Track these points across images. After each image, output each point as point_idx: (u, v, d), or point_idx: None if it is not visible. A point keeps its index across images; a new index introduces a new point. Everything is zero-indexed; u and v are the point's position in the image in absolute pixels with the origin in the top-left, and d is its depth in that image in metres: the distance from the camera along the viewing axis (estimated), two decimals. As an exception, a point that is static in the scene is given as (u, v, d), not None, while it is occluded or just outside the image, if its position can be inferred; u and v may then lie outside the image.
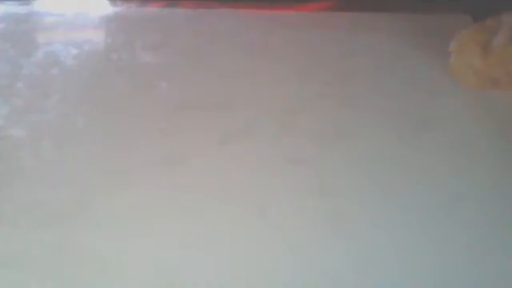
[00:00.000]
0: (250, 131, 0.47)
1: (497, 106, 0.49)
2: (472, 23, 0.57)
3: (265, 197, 0.41)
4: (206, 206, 0.40)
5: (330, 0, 0.65)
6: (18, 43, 0.57)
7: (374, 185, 0.42)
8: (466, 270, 0.36)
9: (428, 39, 0.57)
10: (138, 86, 0.52)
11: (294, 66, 0.54)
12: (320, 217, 0.40)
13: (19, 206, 0.40)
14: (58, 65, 0.54)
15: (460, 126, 0.48)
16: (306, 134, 0.46)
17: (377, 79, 0.53)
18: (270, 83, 0.52)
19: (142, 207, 0.40)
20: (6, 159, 0.44)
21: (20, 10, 0.63)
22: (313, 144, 0.45)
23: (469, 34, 0.52)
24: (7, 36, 0.59)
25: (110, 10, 0.65)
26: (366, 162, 0.44)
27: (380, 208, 0.40)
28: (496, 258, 0.37)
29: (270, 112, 0.48)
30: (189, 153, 0.44)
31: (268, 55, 0.56)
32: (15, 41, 0.58)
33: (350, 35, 0.59)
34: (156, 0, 0.65)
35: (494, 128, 0.47)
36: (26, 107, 0.49)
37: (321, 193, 0.41)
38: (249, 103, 0.49)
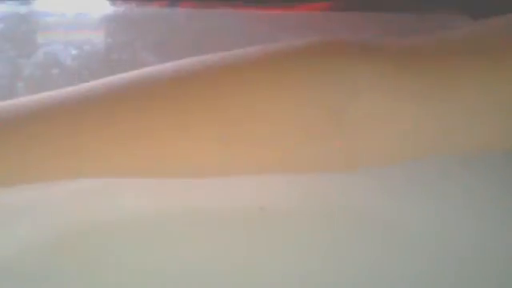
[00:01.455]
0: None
1: None
2: (471, 23, 0.57)
3: (265, 197, 0.41)
4: (207, 207, 0.40)
5: (331, 0, 0.65)
6: (18, 43, 0.57)
7: (378, 184, 0.42)
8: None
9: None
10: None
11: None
12: (324, 218, 0.40)
13: (18, 207, 0.40)
14: (58, 65, 0.54)
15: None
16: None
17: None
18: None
19: (142, 208, 0.40)
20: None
21: (20, 10, 0.63)
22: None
23: None
24: (7, 36, 0.59)
25: (110, 9, 0.65)
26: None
27: (386, 209, 0.40)
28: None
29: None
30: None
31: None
32: (15, 41, 0.58)
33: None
34: (156, 0, 0.65)
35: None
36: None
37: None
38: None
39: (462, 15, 0.60)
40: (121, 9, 0.64)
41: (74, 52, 0.56)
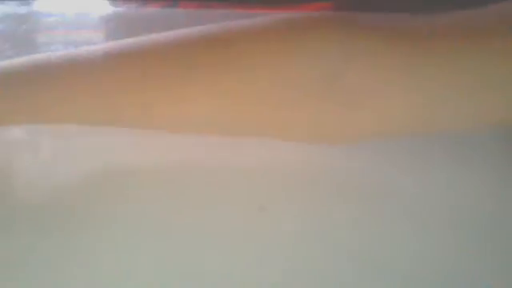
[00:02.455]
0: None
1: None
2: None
3: (265, 197, 0.41)
4: (207, 209, 0.40)
5: (331, 0, 0.65)
6: (18, 43, 0.57)
7: (378, 184, 0.42)
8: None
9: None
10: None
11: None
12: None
13: (18, 208, 0.40)
14: (57, 65, 0.54)
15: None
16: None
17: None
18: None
19: (142, 209, 0.40)
20: (5, 160, 0.44)
21: (20, 10, 0.63)
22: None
23: None
24: (7, 36, 0.59)
25: (109, 9, 0.65)
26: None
27: (385, 209, 0.40)
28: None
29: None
30: (190, 151, 0.44)
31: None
32: (15, 41, 0.58)
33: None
34: (156, 0, 0.65)
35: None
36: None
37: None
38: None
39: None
40: (121, 9, 0.64)
41: (73, 52, 0.56)
